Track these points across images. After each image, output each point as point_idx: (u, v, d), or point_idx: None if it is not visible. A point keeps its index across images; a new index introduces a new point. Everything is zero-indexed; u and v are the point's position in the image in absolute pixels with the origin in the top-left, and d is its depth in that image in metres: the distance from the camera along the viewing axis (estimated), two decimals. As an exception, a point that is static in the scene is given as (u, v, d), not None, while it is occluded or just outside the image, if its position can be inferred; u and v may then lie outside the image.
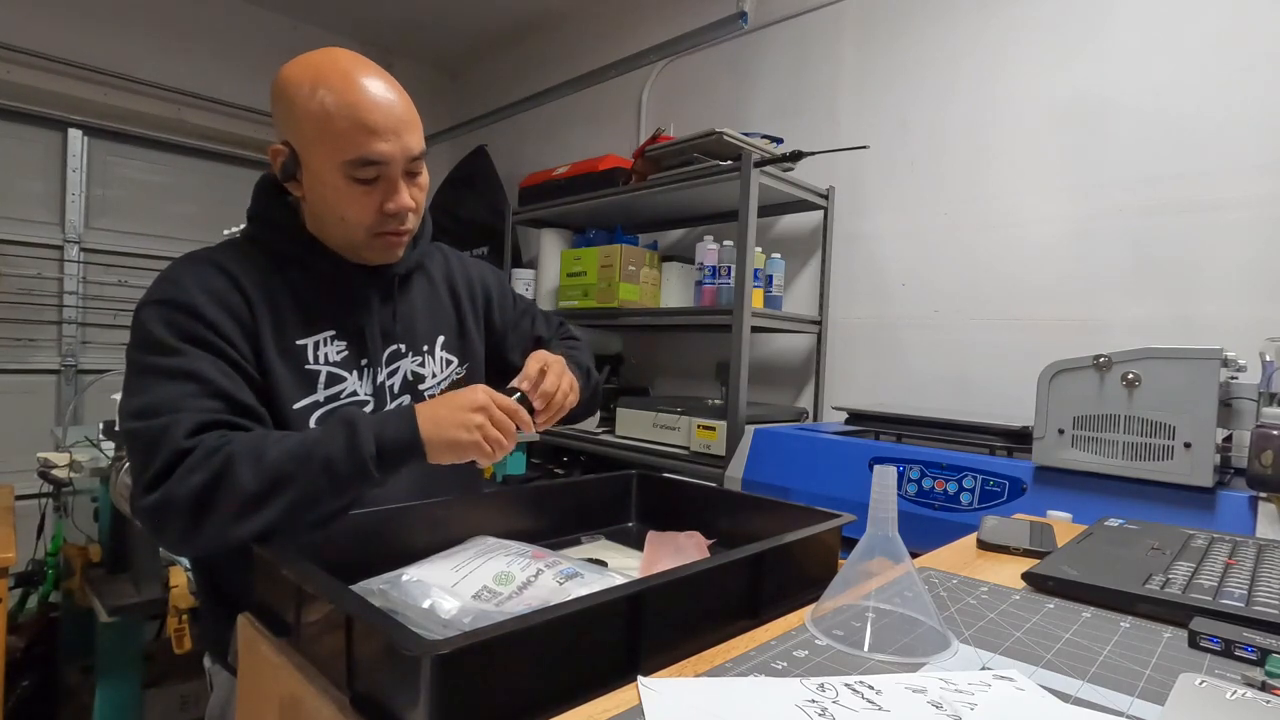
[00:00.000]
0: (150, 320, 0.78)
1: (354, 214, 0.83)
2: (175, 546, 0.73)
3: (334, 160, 0.80)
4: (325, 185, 0.82)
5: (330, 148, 0.80)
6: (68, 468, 1.78)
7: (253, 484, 0.69)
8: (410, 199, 0.84)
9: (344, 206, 0.83)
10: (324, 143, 0.80)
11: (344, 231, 0.85)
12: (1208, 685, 0.45)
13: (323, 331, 0.87)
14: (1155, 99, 1.61)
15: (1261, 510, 1.09)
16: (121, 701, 1.57)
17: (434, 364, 0.98)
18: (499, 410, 0.78)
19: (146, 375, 0.76)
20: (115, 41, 2.89)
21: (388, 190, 0.83)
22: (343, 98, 0.79)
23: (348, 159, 0.79)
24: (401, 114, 0.82)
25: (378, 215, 0.84)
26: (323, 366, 0.86)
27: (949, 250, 1.94)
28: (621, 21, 2.92)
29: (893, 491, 0.58)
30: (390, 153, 0.80)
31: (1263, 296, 1.47)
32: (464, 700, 0.43)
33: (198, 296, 0.79)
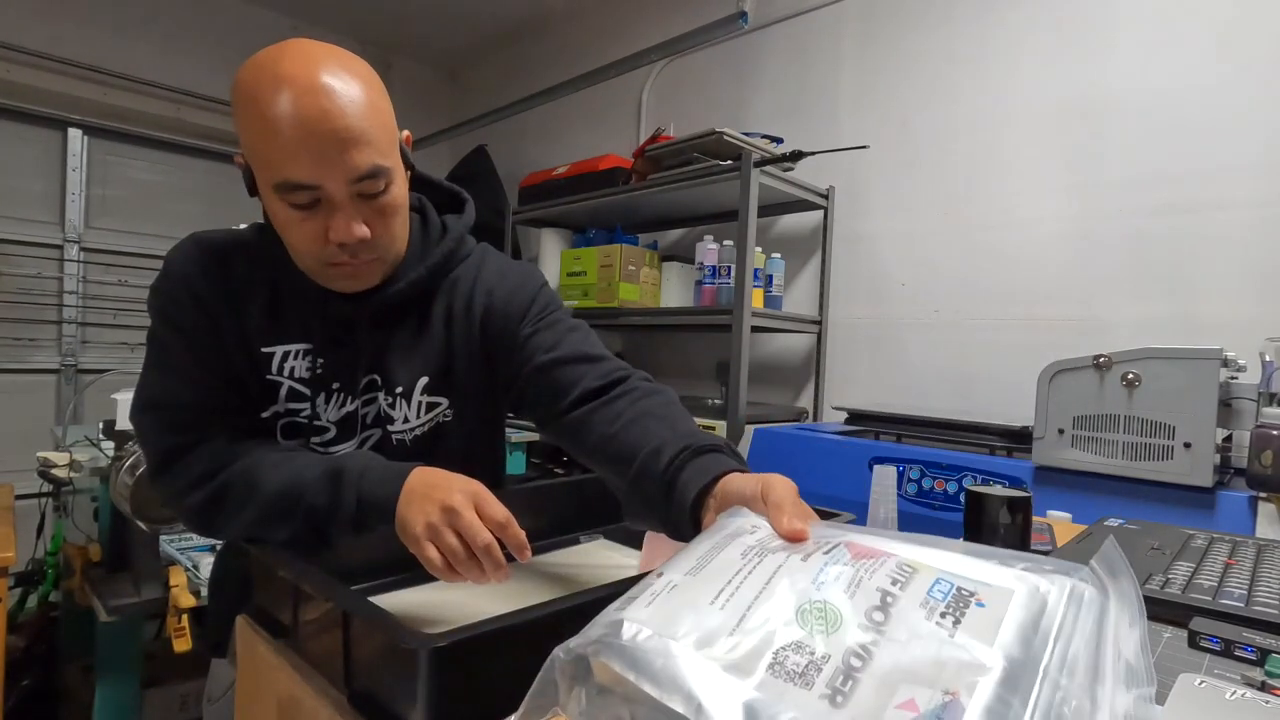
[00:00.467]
0: (150, 307, 0.81)
1: (295, 240, 0.72)
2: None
3: (267, 181, 0.69)
4: (269, 206, 0.72)
5: (260, 167, 0.69)
6: (68, 467, 1.78)
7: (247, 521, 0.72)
8: (360, 228, 0.70)
9: (287, 233, 0.72)
10: (256, 160, 0.70)
11: (297, 257, 0.75)
12: (1207, 685, 0.45)
13: (295, 343, 0.80)
14: (1155, 99, 1.61)
15: (1261, 510, 1.09)
16: (121, 701, 1.57)
17: (407, 409, 0.84)
18: (473, 519, 0.61)
19: (147, 363, 0.80)
20: (115, 41, 2.89)
21: (330, 219, 0.70)
22: (270, 110, 0.65)
23: (275, 182, 0.68)
24: (342, 127, 0.66)
25: (322, 244, 0.71)
26: (285, 380, 0.79)
27: (949, 250, 1.94)
28: (621, 21, 2.92)
29: (893, 491, 0.58)
30: (320, 176, 0.67)
31: (1263, 296, 1.47)
32: (462, 695, 0.43)
33: (177, 285, 0.78)
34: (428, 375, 0.84)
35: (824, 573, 0.39)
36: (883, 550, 0.41)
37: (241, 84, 0.68)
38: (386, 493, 0.68)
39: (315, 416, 0.80)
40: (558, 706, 0.36)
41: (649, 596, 0.40)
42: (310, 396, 0.80)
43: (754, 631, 0.35)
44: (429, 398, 0.85)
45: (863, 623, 0.35)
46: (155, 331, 0.79)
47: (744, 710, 0.32)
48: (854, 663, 0.33)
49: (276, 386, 0.80)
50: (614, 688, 0.35)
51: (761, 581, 0.39)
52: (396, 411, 0.83)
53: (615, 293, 2.16)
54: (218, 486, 0.72)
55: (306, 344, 0.80)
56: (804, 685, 0.32)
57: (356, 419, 0.83)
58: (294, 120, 0.65)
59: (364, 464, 0.72)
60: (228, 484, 0.72)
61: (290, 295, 0.80)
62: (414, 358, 0.84)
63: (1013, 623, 0.35)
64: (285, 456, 0.75)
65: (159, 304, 0.79)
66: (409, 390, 0.84)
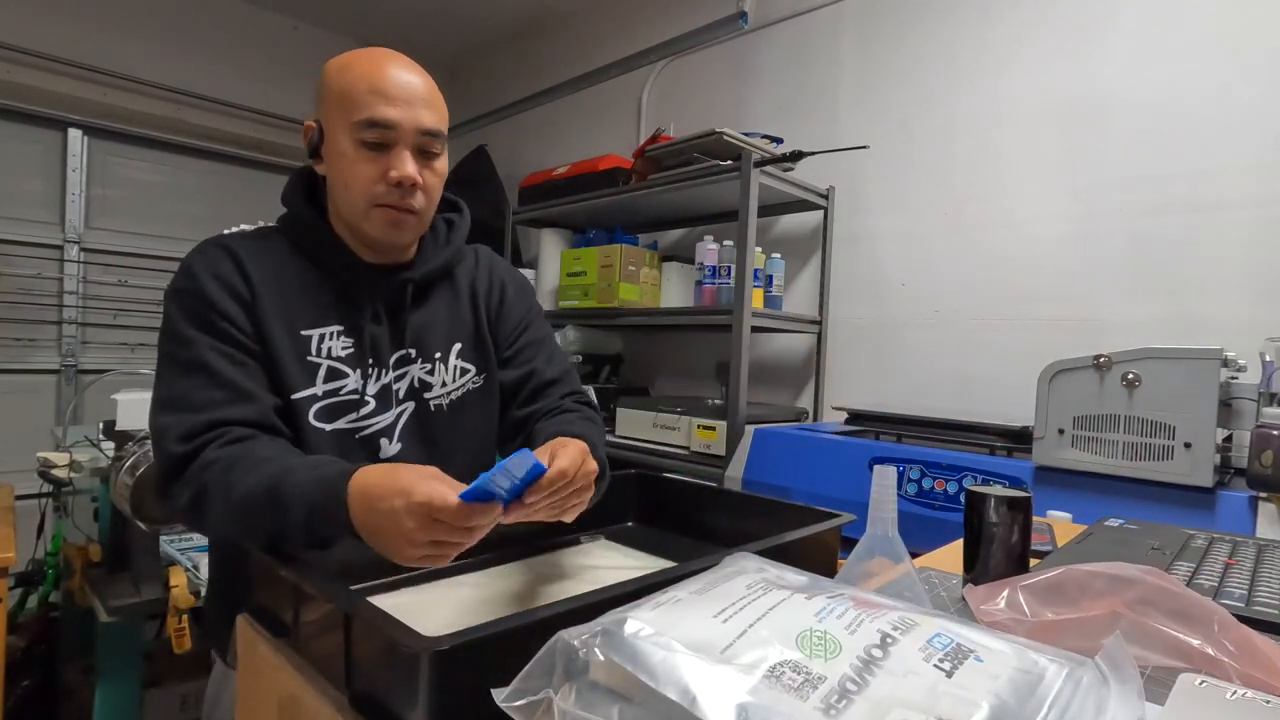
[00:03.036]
0: (169, 309, 0.82)
1: (357, 180, 0.82)
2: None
3: (346, 123, 0.81)
4: (337, 152, 0.83)
5: (344, 112, 0.81)
6: (68, 467, 1.78)
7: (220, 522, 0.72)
8: (414, 173, 0.82)
9: (349, 172, 0.82)
10: (341, 109, 0.82)
11: (349, 201, 0.84)
12: (1208, 685, 0.45)
13: (329, 325, 0.87)
14: (1155, 99, 1.61)
15: (1261, 510, 1.09)
16: (121, 701, 1.57)
17: (445, 373, 0.93)
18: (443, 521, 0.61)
19: (165, 366, 0.80)
20: (115, 41, 2.89)
21: (393, 159, 0.82)
22: (364, 69, 0.82)
23: (356, 120, 0.81)
24: (418, 90, 0.83)
25: (381, 183, 0.82)
26: (324, 360, 0.85)
27: (949, 250, 1.94)
28: (621, 21, 2.92)
29: (893, 491, 0.58)
30: (397, 119, 0.81)
31: (1263, 296, 1.47)
32: (462, 697, 0.43)
33: (207, 283, 0.81)
34: (460, 342, 0.95)
35: (826, 611, 0.40)
36: (886, 605, 0.42)
37: (335, 61, 0.85)
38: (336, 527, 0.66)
39: (355, 392, 0.86)
40: (548, 689, 0.36)
41: (654, 604, 0.41)
42: (349, 374, 0.86)
43: (754, 646, 0.36)
44: (462, 363, 0.95)
45: (861, 655, 0.36)
46: (176, 330, 0.79)
47: (738, 709, 0.32)
48: (850, 686, 0.34)
49: (315, 368, 0.85)
50: (608, 684, 0.36)
51: (764, 609, 0.40)
52: (434, 377, 0.92)
53: (615, 293, 2.16)
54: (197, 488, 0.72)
55: (341, 324, 0.87)
56: (799, 697, 0.33)
57: (391, 392, 0.89)
58: (386, 73, 0.82)
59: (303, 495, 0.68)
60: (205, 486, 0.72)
61: (324, 279, 0.88)
62: (447, 326, 0.95)
63: (1010, 681, 0.35)
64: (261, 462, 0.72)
65: (184, 303, 0.80)
66: (445, 355, 0.94)
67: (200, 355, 0.78)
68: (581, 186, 2.40)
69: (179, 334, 0.79)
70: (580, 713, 0.35)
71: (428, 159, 0.85)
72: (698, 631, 0.37)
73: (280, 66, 3.35)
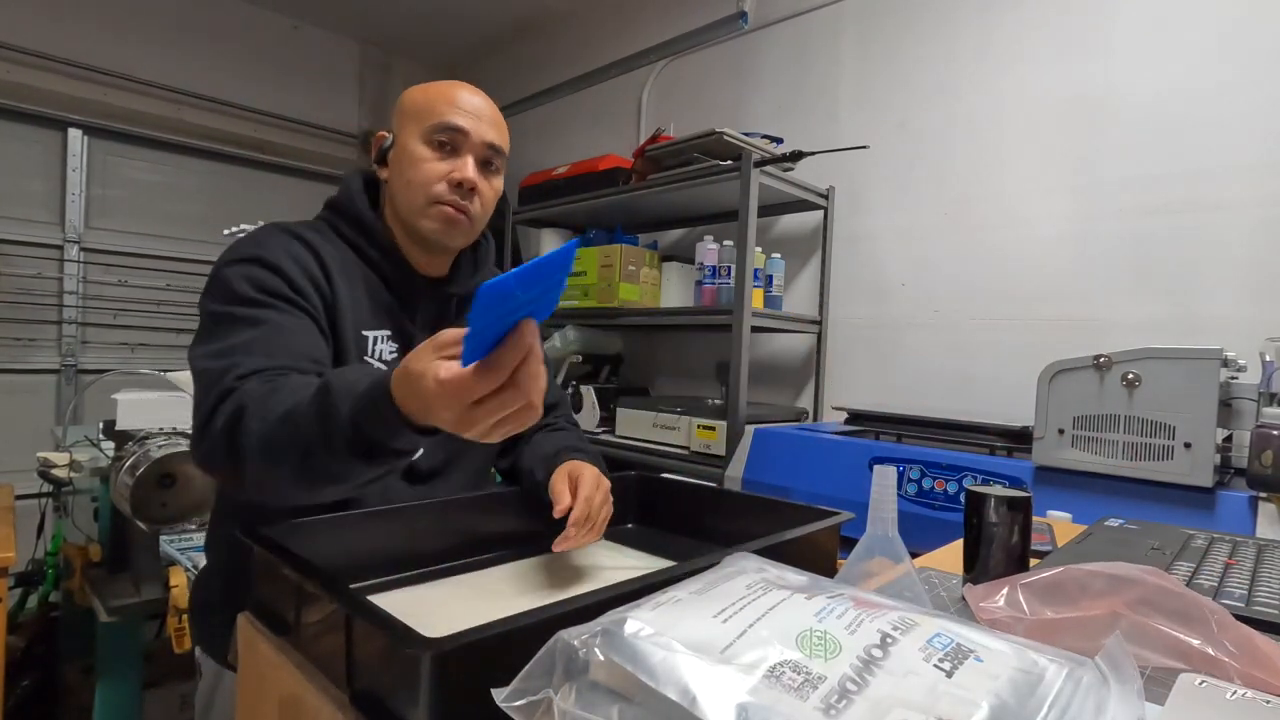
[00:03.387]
0: (234, 276, 0.81)
1: (420, 174, 0.88)
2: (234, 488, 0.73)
3: (418, 129, 0.89)
4: (406, 154, 0.90)
5: (419, 120, 0.89)
6: (68, 467, 1.78)
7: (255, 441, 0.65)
8: (475, 177, 0.89)
9: (415, 169, 0.89)
10: (416, 118, 0.90)
11: (409, 198, 0.90)
12: (1208, 685, 0.45)
13: (383, 329, 0.91)
14: (1155, 99, 1.61)
15: (1261, 510, 1.09)
16: (121, 701, 1.57)
17: None
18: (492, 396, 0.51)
19: (224, 323, 0.78)
20: (115, 41, 2.89)
21: (458, 162, 0.89)
22: (442, 89, 0.91)
23: (429, 124, 0.88)
24: (487, 111, 0.92)
25: (443, 182, 0.89)
26: (376, 362, 0.89)
27: (949, 250, 1.94)
28: (621, 21, 2.92)
29: (893, 491, 0.58)
30: (468, 127, 0.89)
31: (1263, 296, 1.47)
32: (463, 697, 0.43)
33: (284, 259, 0.83)
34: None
35: (826, 611, 0.40)
36: (886, 605, 0.42)
37: (414, 87, 0.93)
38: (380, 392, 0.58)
39: None
40: (549, 689, 0.36)
41: (654, 604, 0.41)
42: None
43: (754, 646, 0.36)
44: None
45: (861, 655, 0.36)
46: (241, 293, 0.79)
47: (738, 709, 0.32)
48: (850, 686, 0.34)
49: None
50: (608, 684, 0.36)
51: (764, 609, 0.40)
52: None
53: (615, 293, 2.16)
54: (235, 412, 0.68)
55: (391, 329, 0.92)
56: (799, 697, 0.33)
57: None
58: (465, 96, 0.91)
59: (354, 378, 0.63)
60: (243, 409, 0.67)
61: (379, 285, 0.93)
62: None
63: (1010, 681, 0.35)
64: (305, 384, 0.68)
65: (253, 273, 0.80)
66: None
67: (268, 315, 0.78)
68: (581, 186, 2.40)
69: (245, 296, 0.79)
70: (580, 713, 0.35)
71: (488, 172, 0.93)
72: (698, 631, 0.37)
73: (280, 66, 3.35)
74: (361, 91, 3.65)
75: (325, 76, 3.51)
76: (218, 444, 0.69)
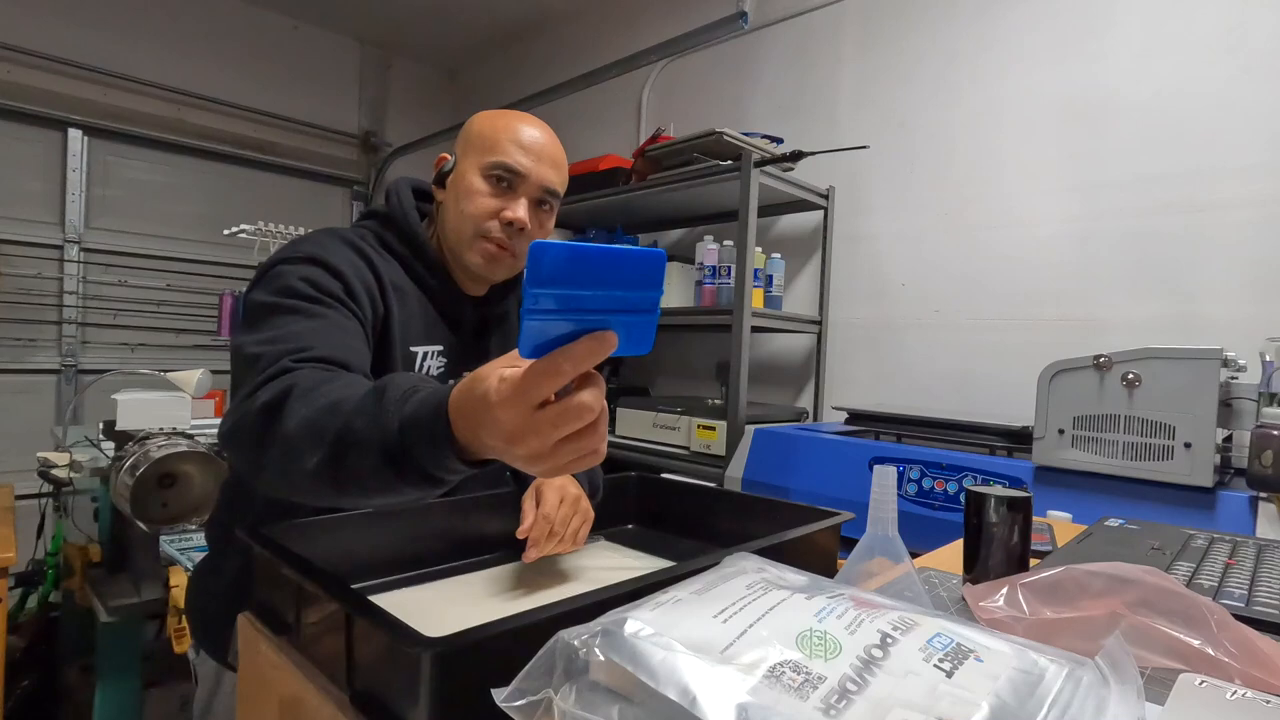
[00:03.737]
0: (292, 274, 0.80)
1: (473, 207, 0.90)
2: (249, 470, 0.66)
3: (479, 161, 0.90)
4: (463, 181, 0.91)
5: (481, 152, 0.91)
6: (68, 468, 1.78)
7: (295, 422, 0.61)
8: (525, 218, 0.91)
9: (469, 200, 0.90)
10: (478, 149, 0.91)
11: (458, 226, 0.91)
12: (1208, 685, 0.45)
13: (433, 345, 0.93)
14: (1155, 99, 1.61)
15: (1261, 510, 1.09)
16: (121, 701, 1.57)
17: None
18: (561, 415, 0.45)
19: (280, 313, 0.76)
20: (115, 41, 2.89)
21: (510, 201, 0.91)
22: (512, 123, 0.92)
23: (490, 160, 0.90)
24: (551, 152, 0.93)
25: (493, 217, 0.90)
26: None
27: (949, 250, 1.94)
28: (621, 21, 2.92)
29: (893, 491, 0.58)
30: (527, 167, 0.90)
31: (1263, 296, 1.47)
32: (463, 697, 0.43)
33: (345, 266, 0.83)
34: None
35: (826, 611, 0.40)
36: (886, 605, 0.42)
37: (485, 112, 0.95)
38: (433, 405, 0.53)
39: None
40: (549, 689, 0.36)
41: (654, 604, 0.41)
42: None
43: (754, 646, 0.36)
44: None
45: (861, 655, 0.36)
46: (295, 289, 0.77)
47: (738, 709, 0.32)
48: (850, 686, 0.34)
49: None
50: (608, 684, 0.36)
51: (764, 609, 0.40)
52: None
53: (615, 293, 2.15)
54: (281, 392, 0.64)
55: (440, 345, 0.94)
56: (799, 697, 0.33)
57: None
58: (529, 134, 0.91)
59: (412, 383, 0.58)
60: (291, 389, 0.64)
61: (427, 300, 0.94)
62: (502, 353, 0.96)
63: (1010, 681, 0.35)
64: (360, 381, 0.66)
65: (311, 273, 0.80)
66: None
67: (325, 313, 0.78)
68: (581, 186, 2.40)
69: (302, 293, 0.77)
70: (580, 713, 0.35)
71: (540, 212, 0.94)
72: (698, 631, 0.37)
73: (280, 66, 3.35)
74: (361, 91, 3.65)
75: (325, 76, 3.51)
76: (250, 420, 0.64)
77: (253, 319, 0.77)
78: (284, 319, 0.75)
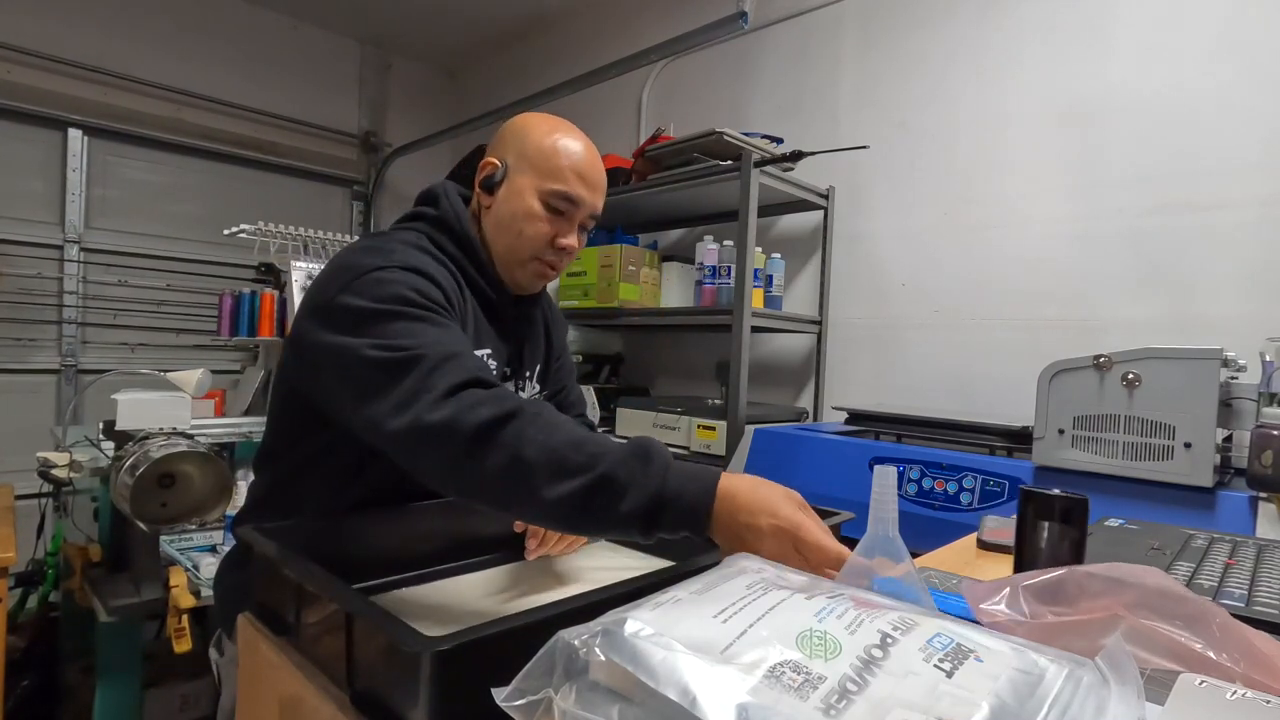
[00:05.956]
0: (400, 283, 0.78)
1: (531, 232, 0.92)
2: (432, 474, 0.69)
3: (540, 184, 0.92)
4: (520, 201, 0.92)
5: (542, 173, 0.92)
6: (68, 467, 1.77)
7: (531, 448, 0.64)
8: (576, 244, 0.96)
9: (526, 223, 0.92)
10: (540, 169, 0.92)
11: (513, 245, 0.94)
12: (1208, 685, 0.45)
13: (484, 348, 0.94)
14: (1155, 99, 1.61)
15: (1261, 510, 1.09)
16: (121, 701, 1.57)
17: (530, 389, 1.05)
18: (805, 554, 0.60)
19: (401, 319, 0.74)
20: (115, 41, 2.89)
21: (565, 227, 0.94)
22: (571, 145, 0.93)
23: (552, 188, 0.91)
24: (602, 179, 0.97)
25: (547, 244, 0.93)
26: None
27: (949, 250, 1.94)
28: (621, 21, 2.92)
29: (893, 491, 0.58)
30: (585, 198, 0.94)
31: (1263, 296, 1.47)
32: (463, 697, 0.43)
33: (438, 275, 0.84)
34: (539, 364, 1.08)
35: (826, 611, 0.40)
36: (886, 605, 0.42)
37: (538, 120, 0.95)
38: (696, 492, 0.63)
39: None
40: (549, 689, 0.37)
41: (654, 604, 0.41)
42: None
43: (754, 646, 0.36)
44: (536, 382, 1.07)
45: (861, 655, 0.36)
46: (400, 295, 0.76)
47: (738, 709, 0.32)
48: (850, 687, 0.34)
49: None
50: (608, 684, 0.36)
51: (764, 609, 0.40)
52: (525, 393, 1.03)
53: (615, 293, 2.16)
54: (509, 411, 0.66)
55: (490, 348, 0.95)
56: (799, 697, 0.33)
57: None
58: (587, 161, 0.94)
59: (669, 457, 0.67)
60: (520, 411, 0.67)
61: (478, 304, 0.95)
62: (534, 350, 1.07)
63: (1010, 682, 0.35)
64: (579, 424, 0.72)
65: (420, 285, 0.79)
66: (532, 373, 1.06)
67: (445, 322, 0.78)
68: (581, 186, 2.40)
69: (413, 300, 0.76)
70: (580, 712, 0.35)
71: (583, 232, 0.99)
72: (698, 631, 0.37)
73: (280, 66, 3.35)
74: (361, 91, 3.65)
75: (325, 76, 3.51)
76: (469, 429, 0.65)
77: (362, 322, 0.75)
78: (407, 324, 0.74)
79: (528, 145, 0.93)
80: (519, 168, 0.93)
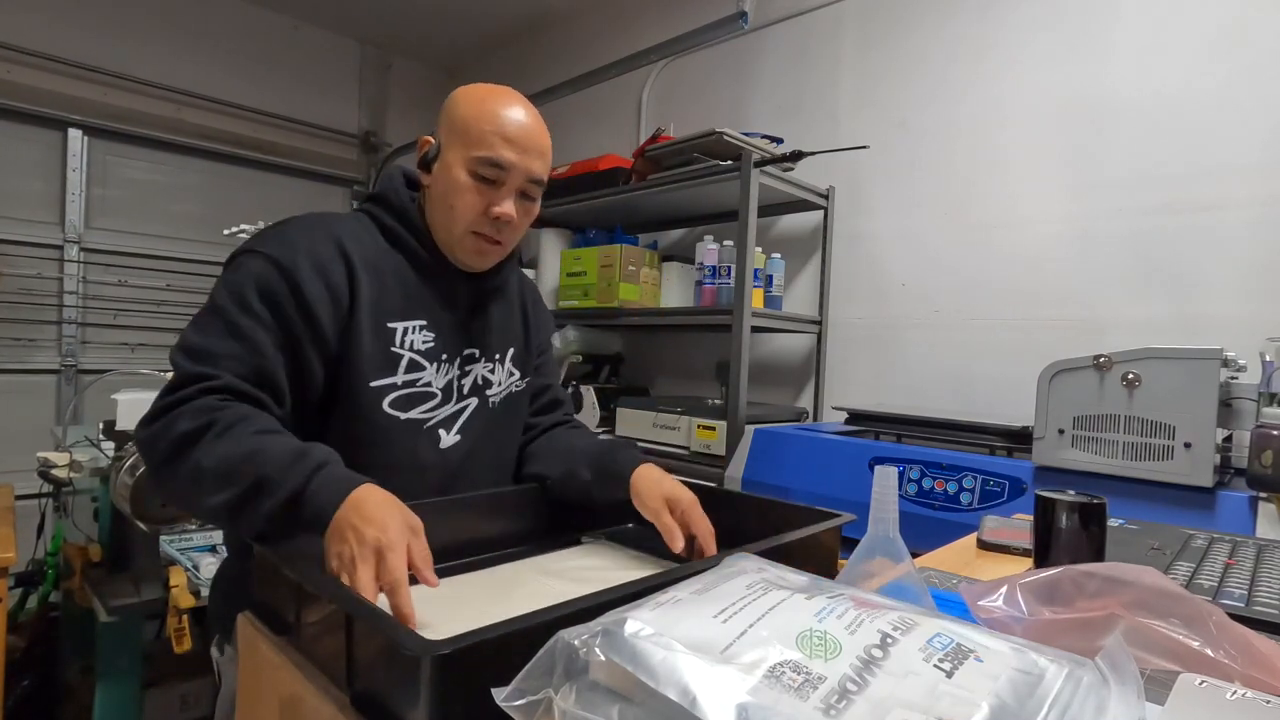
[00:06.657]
0: (247, 268, 0.83)
1: (462, 205, 0.89)
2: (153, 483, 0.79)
3: (465, 153, 0.88)
4: (449, 174, 0.89)
5: (466, 142, 0.89)
6: (68, 468, 1.77)
7: (206, 456, 0.71)
8: (513, 212, 0.91)
9: (456, 196, 0.89)
10: (464, 137, 0.89)
11: (447, 221, 0.91)
12: (1208, 685, 0.45)
13: (415, 319, 0.92)
14: (1155, 99, 1.61)
15: (1261, 510, 1.09)
16: (121, 701, 1.57)
17: (502, 372, 1.02)
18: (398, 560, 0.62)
19: (215, 318, 0.81)
20: (115, 41, 2.89)
21: (496, 196, 0.90)
22: (497, 110, 0.90)
23: (476, 155, 0.88)
24: (536, 139, 0.91)
25: (481, 215, 0.90)
26: (407, 353, 0.90)
27: (949, 250, 1.94)
28: (621, 21, 2.92)
29: (893, 491, 0.58)
30: (514, 162, 0.88)
31: (1263, 296, 1.47)
32: (463, 698, 0.43)
33: (302, 264, 0.84)
34: (513, 347, 1.05)
35: (826, 611, 0.40)
36: (886, 605, 0.42)
37: (466, 91, 0.93)
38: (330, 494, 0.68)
39: (429, 384, 0.92)
40: (549, 689, 0.37)
41: (654, 604, 0.41)
42: (426, 367, 0.92)
43: (754, 646, 0.36)
44: (512, 366, 1.04)
45: (861, 655, 0.36)
46: (243, 295, 0.81)
47: (738, 709, 0.32)
48: (850, 687, 0.34)
49: (398, 359, 0.89)
50: (608, 684, 0.36)
51: (764, 609, 0.40)
52: (494, 375, 1.01)
53: (615, 293, 2.16)
54: (204, 424, 0.73)
55: (425, 320, 0.93)
56: (799, 697, 0.33)
57: (455, 387, 0.95)
58: (514, 120, 0.89)
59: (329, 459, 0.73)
60: (214, 424, 0.73)
61: (414, 274, 0.93)
62: (505, 331, 1.04)
63: (1009, 681, 0.36)
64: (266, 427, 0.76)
65: (267, 275, 0.82)
66: (503, 357, 1.03)
67: (252, 330, 0.80)
68: (581, 186, 2.40)
69: (243, 297, 0.81)
70: (580, 713, 0.35)
71: (526, 200, 0.93)
72: (698, 631, 0.37)
73: (280, 66, 3.35)
74: (361, 91, 3.65)
75: (325, 76, 3.51)
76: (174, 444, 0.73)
77: (202, 310, 0.82)
78: (212, 327, 0.80)
79: (455, 117, 0.91)
80: (449, 142, 0.91)
